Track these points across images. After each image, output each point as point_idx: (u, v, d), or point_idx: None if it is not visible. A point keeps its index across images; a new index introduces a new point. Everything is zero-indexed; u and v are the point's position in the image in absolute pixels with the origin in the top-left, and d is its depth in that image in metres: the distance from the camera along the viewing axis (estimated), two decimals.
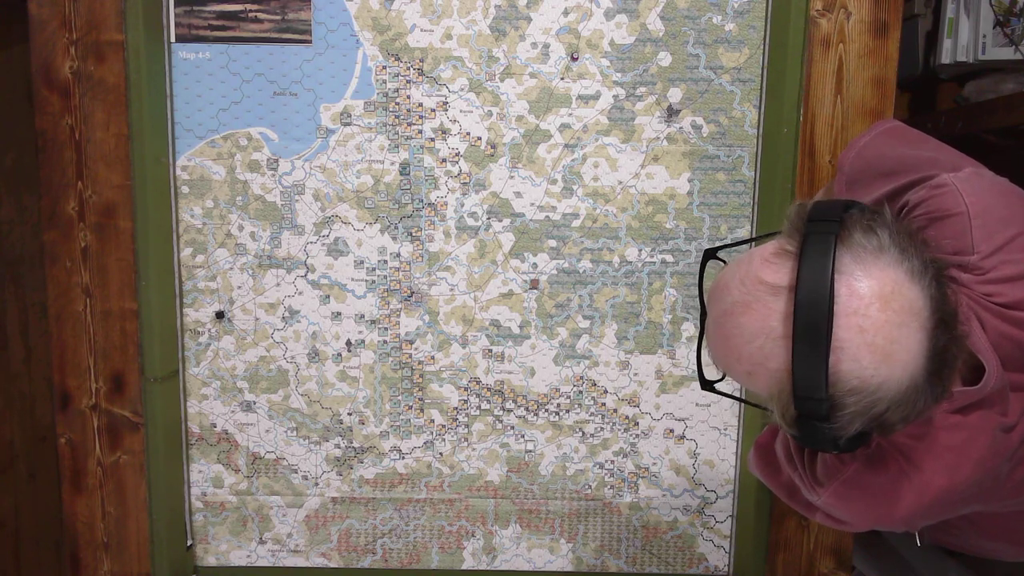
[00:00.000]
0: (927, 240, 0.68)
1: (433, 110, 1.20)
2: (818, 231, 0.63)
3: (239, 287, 1.25)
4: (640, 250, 1.23)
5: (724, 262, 0.73)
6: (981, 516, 0.94)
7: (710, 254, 0.77)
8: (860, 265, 0.62)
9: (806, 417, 0.64)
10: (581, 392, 1.26)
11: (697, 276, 0.77)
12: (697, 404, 1.26)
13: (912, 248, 0.64)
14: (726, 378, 0.74)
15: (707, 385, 0.77)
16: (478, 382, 1.27)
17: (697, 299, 0.81)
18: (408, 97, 1.20)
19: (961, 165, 0.83)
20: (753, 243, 0.70)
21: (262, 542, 1.32)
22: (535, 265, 1.24)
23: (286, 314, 1.26)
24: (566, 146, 1.21)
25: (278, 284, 1.25)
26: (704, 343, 0.73)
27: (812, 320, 0.61)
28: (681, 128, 1.20)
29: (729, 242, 1.20)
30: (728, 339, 0.67)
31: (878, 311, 0.61)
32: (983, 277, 0.75)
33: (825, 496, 0.81)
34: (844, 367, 0.61)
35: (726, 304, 0.67)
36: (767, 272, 0.64)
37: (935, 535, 1.08)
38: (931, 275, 0.64)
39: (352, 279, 1.25)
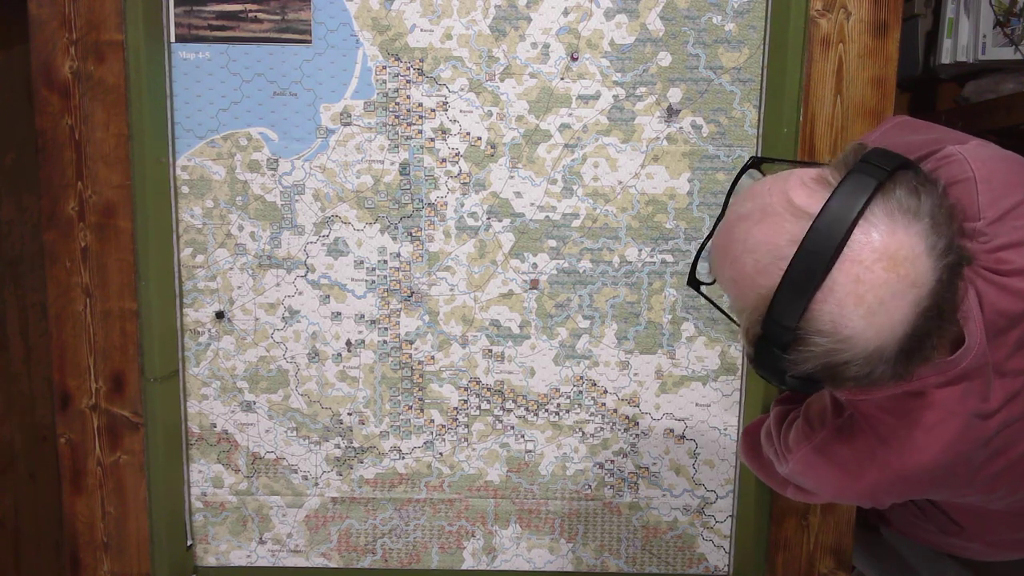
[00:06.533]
0: (963, 229, 0.67)
1: (433, 110, 1.20)
2: (864, 172, 0.62)
3: (239, 287, 1.25)
4: (640, 250, 1.23)
5: (763, 174, 0.72)
6: (957, 511, 0.94)
7: (755, 162, 0.74)
8: (889, 220, 0.61)
9: (767, 340, 0.64)
10: (581, 392, 1.26)
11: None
12: (697, 404, 1.26)
13: (946, 228, 0.63)
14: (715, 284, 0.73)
15: (694, 283, 0.77)
16: (478, 382, 1.27)
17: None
18: (408, 97, 1.20)
19: (967, 140, 0.83)
20: (799, 166, 0.70)
21: (262, 542, 1.32)
22: (535, 265, 1.24)
23: (286, 314, 1.26)
24: (566, 146, 1.21)
25: (278, 284, 1.25)
26: (710, 244, 0.72)
27: (817, 251, 0.60)
28: (681, 128, 1.20)
29: (777, 157, 1.16)
30: (732, 242, 0.67)
31: (883, 269, 0.60)
32: (988, 245, 0.75)
33: (792, 461, 0.81)
34: (825, 307, 0.61)
35: (746, 208, 0.67)
36: (799, 193, 0.64)
37: (907, 529, 1.09)
38: (949, 261, 0.62)
39: (352, 279, 1.25)
